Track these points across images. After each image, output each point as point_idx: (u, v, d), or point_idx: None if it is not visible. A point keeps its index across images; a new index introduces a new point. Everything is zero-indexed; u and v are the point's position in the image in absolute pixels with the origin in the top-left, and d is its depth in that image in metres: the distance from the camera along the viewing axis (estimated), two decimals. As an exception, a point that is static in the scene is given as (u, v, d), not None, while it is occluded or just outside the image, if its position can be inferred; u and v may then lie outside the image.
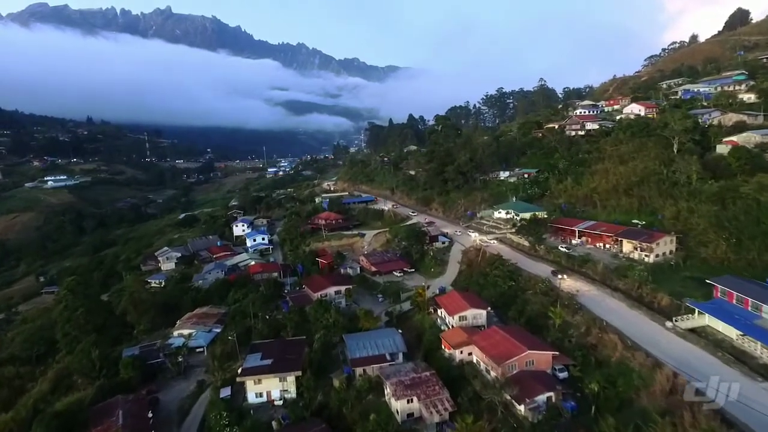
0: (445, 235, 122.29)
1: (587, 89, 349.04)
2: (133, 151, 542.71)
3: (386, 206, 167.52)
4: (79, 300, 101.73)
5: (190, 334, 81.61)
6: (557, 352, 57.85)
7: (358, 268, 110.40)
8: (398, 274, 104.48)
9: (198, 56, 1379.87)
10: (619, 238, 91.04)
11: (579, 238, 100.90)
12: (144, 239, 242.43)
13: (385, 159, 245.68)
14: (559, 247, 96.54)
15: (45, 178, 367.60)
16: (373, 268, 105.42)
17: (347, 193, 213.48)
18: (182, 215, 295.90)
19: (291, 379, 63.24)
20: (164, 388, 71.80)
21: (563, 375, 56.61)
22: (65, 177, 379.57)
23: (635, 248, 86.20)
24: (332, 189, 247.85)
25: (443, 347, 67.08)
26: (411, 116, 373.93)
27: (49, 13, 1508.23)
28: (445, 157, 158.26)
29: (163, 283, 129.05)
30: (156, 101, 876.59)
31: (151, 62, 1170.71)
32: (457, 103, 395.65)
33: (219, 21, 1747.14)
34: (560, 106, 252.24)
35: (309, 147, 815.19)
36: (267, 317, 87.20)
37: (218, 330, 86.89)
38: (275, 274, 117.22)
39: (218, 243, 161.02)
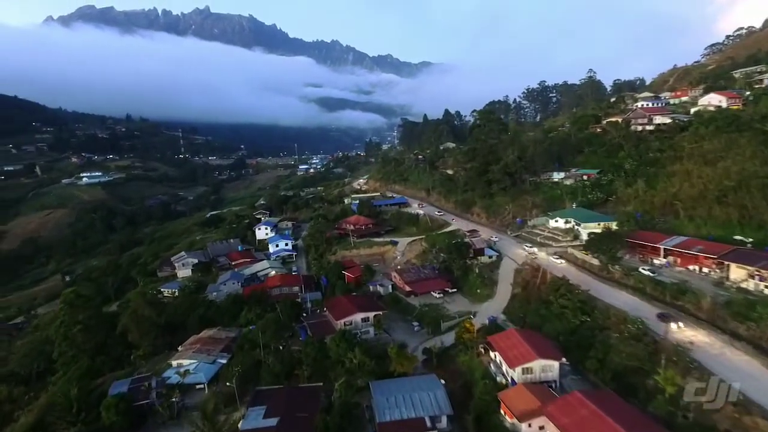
0: (491, 247, 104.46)
1: (638, 81, 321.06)
2: (168, 147, 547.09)
3: (421, 210, 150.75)
4: (78, 315, 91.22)
5: (186, 371, 67.96)
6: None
7: (390, 286, 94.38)
8: (437, 295, 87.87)
9: (233, 54, 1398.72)
10: (725, 262, 71.02)
11: (664, 257, 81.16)
12: (169, 239, 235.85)
13: (420, 157, 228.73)
14: (641, 270, 77.27)
15: (81, 175, 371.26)
16: (408, 288, 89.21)
17: (379, 194, 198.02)
18: (209, 214, 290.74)
19: (301, 447, 48.33)
20: (152, 438, 58.60)
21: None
22: (100, 173, 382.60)
23: (751, 276, 66.19)
24: (363, 188, 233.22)
25: (502, 412, 50.29)
26: (447, 111, 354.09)
27: (96, 14, 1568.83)
28: (488, 155, 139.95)
29: (176, 293, 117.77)
30: (192, 99, 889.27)
31: (187, 60, 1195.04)
32: (495, 97, 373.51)
33: (255, 19, 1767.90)
34: (612, 99, 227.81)
35: (341, 144, 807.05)
36: (281, 347, 72.85)
37: (223, 361, 73.12)
38: (295, 289, 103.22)
39: (239, 248, 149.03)
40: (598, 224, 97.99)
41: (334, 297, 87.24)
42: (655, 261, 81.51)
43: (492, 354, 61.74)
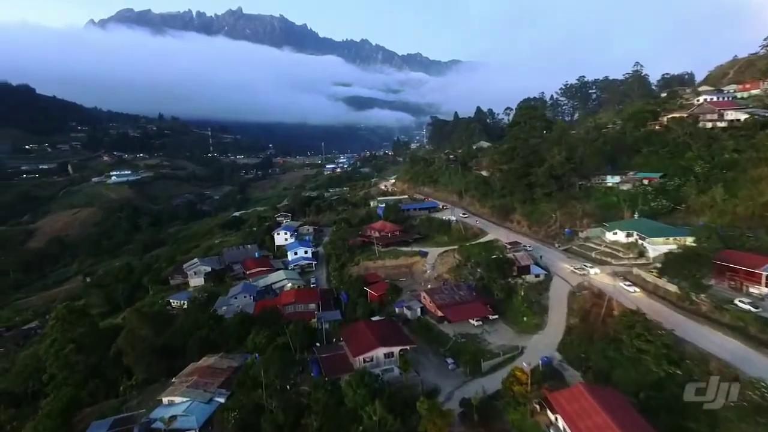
0: (538, 263, 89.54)
1: (686, 75, 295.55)
2: (197, 146, 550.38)
3: (453, 215, 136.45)
4: (71, 332, 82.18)
5: (172, 418, 56.81)
6: None
7: (419, 309, 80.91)
8: (475, 323, 73.97)
9: (263, 53, 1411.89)
10: None
11: (767, 285, 64.61)
12: (191, 240, 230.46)
13: (451, 157, 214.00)
14: (737, 302, 61.17)
15: (110, 174, 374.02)
16: (440, 312, 75.64)
17: (406, 197, 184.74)
18: (233, 214, 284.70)
19: None
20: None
21: None
22: (129, 172, 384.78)
23: None
24: (390, 190, 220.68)
25: None
26: (479, 109, 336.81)
27: (134, 17, 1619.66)
28: (530, 155, 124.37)
29: (185, 305, 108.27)
30: (223, 97, 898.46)
31: (218, 59, 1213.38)
32: (528, 94, 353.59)
33: (286, 20, 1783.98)
34: (663, 94, 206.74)
35: (369, 143, 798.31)
36: (288, 387, 60.88)
37: (221, 400, 61.80)
38: (312, 306, 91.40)
39: (256, 254, 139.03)
40: (669, 239, 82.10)
41: (353, 324, 74.31)
42: (752, 290, 65.02)
43: (552, 415, 47.66)
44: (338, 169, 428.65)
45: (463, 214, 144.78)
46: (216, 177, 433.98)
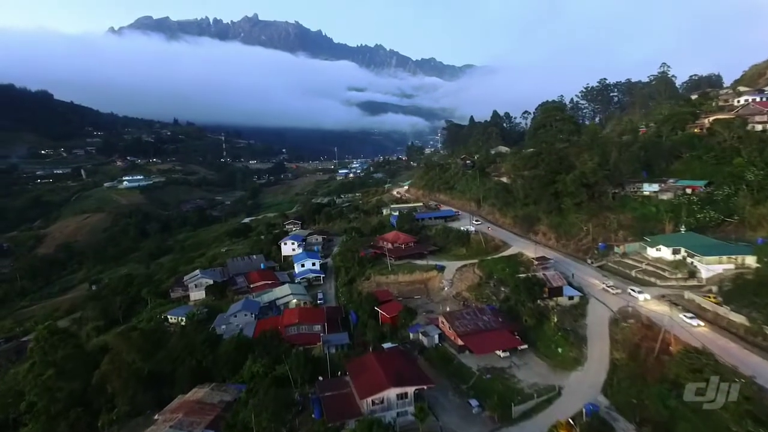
0: (571, 283, 79.28)
1: (714, 77, 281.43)
2: (210, 151, 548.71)
3: (472, 225, 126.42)
4: (52, 355, 74.76)
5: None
6: None
7: (436, 336, 71.24)
8: (502, 355, 64.20)
9: (278, 58, 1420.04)
10: None
11: None
12: (198, 247, 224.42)
13: (468, 162, 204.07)
14: (825, 340, 50.47)
15: (122, 179, 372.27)
16: (460, 341, 66.04)
17: (421, 204, 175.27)
18: (243, 220, 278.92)
19: None
20: None
21: None
22: (141, 177, 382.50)
23: None
24: (403, 197, 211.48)
25: None
26: (495, 113, 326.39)
27: (152, 24, 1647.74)
28: (557, 161, 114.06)
29: (184, 321, 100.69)
30: (237, 103, 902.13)
31: (233, 65, 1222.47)
32: (545, 98, 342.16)
33: (301, 26, 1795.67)
34: (694, 96, 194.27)
35: (383, 147, 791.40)
36: (283, 432, 52.01)
37: (207, 444, 53.26)
38: (317, 328, 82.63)
39: (261, 265, 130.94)
40: (724, 257, 71.38)
41: (361, 357, 64.87)
42: (839, 323, 54.13)
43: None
44: (351, 175, 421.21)
45: (476, 220, 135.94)
46: (228, 182, 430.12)
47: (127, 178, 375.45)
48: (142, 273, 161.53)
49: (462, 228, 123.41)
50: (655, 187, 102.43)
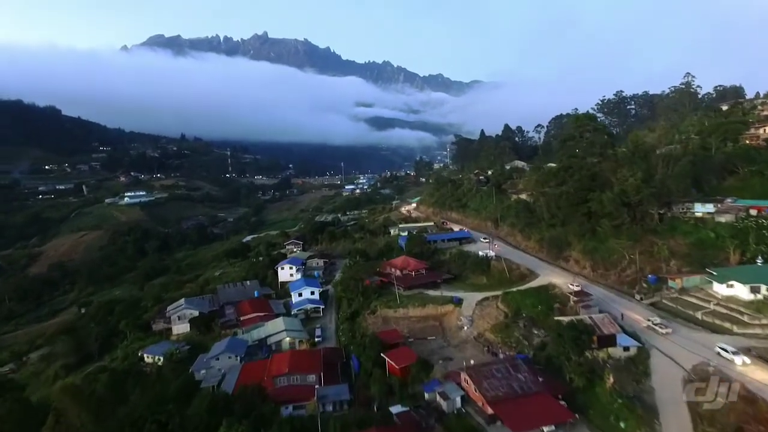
0: (624, 329, 64.23)
1: (736, 88, 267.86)
2: (216, 166, 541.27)
3: (491, 250, 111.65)
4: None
5: None
6: None
7: (458, 398, 56.44)
8: (547, 430, 49.29)
9: (286, 74, 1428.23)
10: None
11: None
12: (195, 268, 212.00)
13: (482, 178, 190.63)
14: None
15: (123, 194, 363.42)
16: (490, 410, 51.33)
17: (432, 224, 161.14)
18: (247, 237, 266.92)
19: None
20: None
21: None
22: (143, 193, 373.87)
23: None
24: (412, 215, 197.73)
25: None
26: (507, 127, 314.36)
27: (164, 42, 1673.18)
28: (589, 178, 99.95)
29: (161, 361, 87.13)
30: (245, 118, 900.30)
31: (240, 80, 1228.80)
32: (555, 112, 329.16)
33: (309, 43, 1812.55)
34: (725, 106, 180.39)
35: (390, 163, 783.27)
36: None
37: None
38: (311, 378, 68.32)
39: (255, 293, 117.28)
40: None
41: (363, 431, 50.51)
42: None
43: None
44: (357, 191, 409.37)
45: (484, 238, 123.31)
46: (232, 198, 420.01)
47: (128, 194, 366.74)
48: (127, 299, 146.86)
49: (480, 252, 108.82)
50: (710, 207, 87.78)
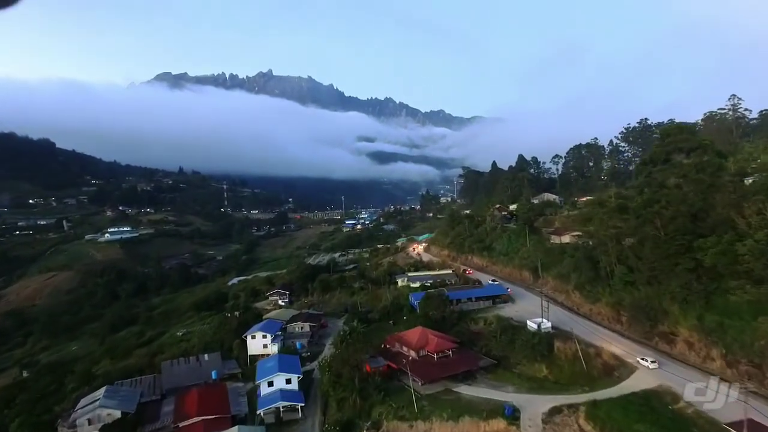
0: None
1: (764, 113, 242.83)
2: (211, 200, 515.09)
3: (547, 320, 77.95)
4: None
5: None
6: None
7: None
8: None
9: (288, 109, 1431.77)
10: None
11: None
12: (169, 317, 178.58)
13: (505, 214, 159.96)
14: None
15: (105, 230, 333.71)
16: None
17: (451, 272, 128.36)
18: (234, 280, 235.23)
19: None
20: None
21: None
22: (128, 228, 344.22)
23: None
24: (423, 258, 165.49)
25: None
26: (521, 158, 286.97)
27: (171, 79, 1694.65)
28: (690, 217, 68.50)
29: None
30: (246, 152, 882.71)
31: (243, 115, 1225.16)
32: (560, 143, 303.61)
33: (313, 80, 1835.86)
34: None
35: (393, 197, 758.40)
36: None
37: None
38: None
39: (213, 373, 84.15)
40: None
41: None
42: None
43: None
44: (359, 226, 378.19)
45: (501, 285, 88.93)
46: (224, 233, 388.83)
47: (111, 229, 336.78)
48: (42, 380, 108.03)
49: (531, 324, 75.91)
50: None
